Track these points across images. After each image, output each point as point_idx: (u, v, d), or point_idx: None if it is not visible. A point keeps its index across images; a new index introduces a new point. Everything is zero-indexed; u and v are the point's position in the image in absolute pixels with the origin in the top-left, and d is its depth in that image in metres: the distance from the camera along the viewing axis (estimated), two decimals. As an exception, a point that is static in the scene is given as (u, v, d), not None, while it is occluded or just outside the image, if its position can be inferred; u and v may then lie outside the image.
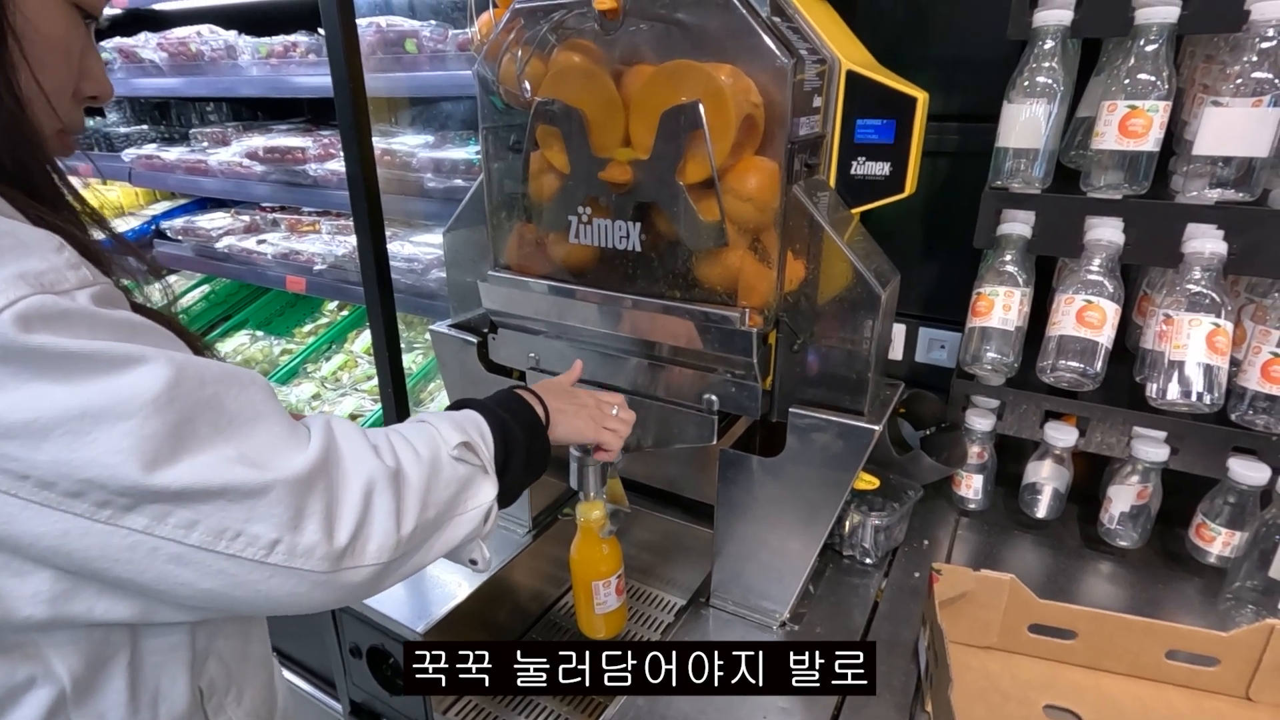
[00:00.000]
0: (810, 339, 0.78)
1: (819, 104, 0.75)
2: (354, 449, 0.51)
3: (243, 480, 0.43)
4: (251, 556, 0.44)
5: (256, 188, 1.80)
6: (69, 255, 0.42)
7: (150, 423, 0.40)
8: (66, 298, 0.40)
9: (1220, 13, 0.75)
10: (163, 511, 0.41)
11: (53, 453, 0.38)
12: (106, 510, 0.40)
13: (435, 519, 0.56)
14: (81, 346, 0.39)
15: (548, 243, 0.87)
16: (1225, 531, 0.89)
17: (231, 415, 0.45)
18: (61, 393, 0.38)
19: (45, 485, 0.39)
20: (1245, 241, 0.80)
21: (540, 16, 0.79)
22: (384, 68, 1.38)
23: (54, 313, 0.39)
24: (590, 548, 0.93)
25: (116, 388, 0.40)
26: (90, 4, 0.50)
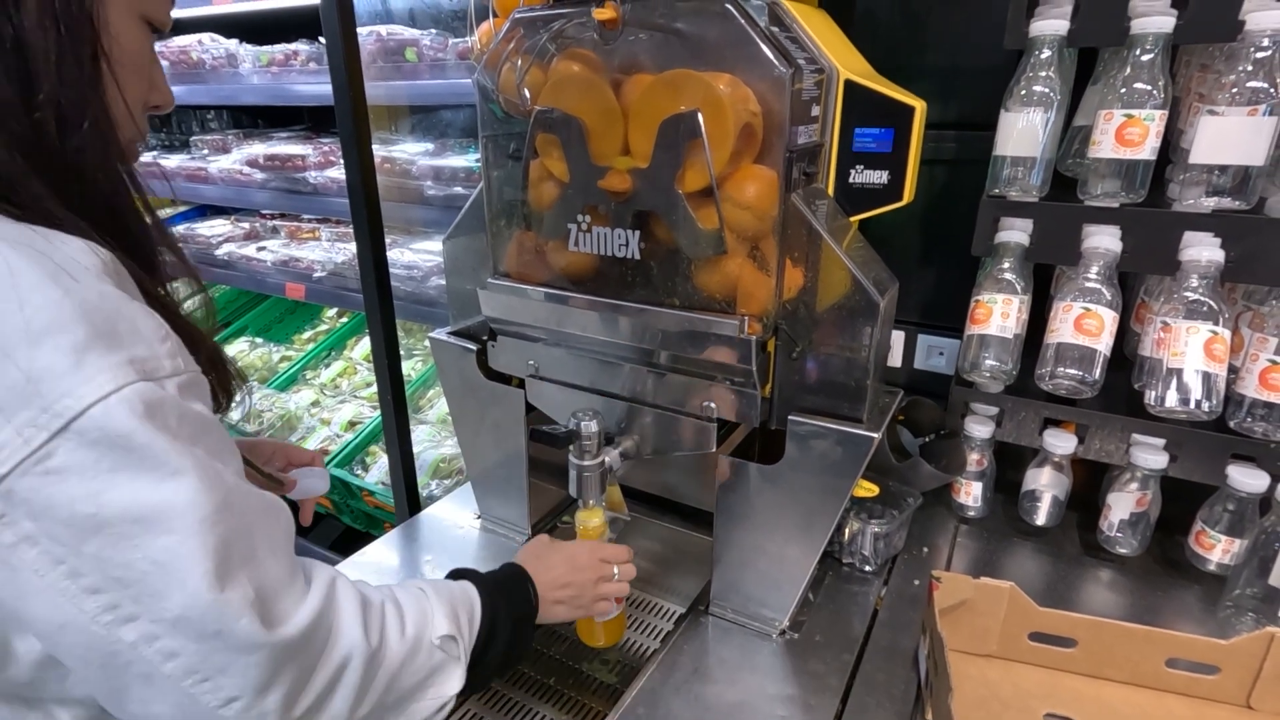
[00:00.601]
0: (809, 346, 0.78)
1: (817, 113, 0.75)
2: (346, 619, 0.51)
3: (242, 632, 0.43)
4: (209, 704, 0.44)
5: (256, 195, 1.80)
6: (171, 344, 0.45)
7: (191, 541, 0.41)
8: (160, 385, 0.42)
9: (1215, 23, 0.76)
10: (153, 635, 0.41)
11: (97, 548, 0.39)
12: (109, 615, 0.40)
13: (394, 701, 0.56)
14: (161, 446, 0.40)
15: (547, 250, 0.88)
16: (1225, 539, 0.89)
17: (255, 549, 0.45)
18: (127, 491, 0.39)
19: (74, 575, 0.39)
20: (1242, 249, 0.80)
21: (540, 26, 0.80)
22: (384, 76, 1.39)
23: (151, 401, 0.41)
24: (589, 510, 0.91)
25: (175, 500, 0.41)
26: (160, 19, 0.53)
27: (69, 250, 0.42)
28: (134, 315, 0.43)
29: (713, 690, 0.82)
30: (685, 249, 0.77)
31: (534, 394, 0.98)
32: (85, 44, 0.46)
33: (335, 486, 1.88)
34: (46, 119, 0.44)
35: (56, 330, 0.38)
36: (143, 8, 0.50)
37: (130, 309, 0.43)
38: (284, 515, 0.50)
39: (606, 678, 0.99)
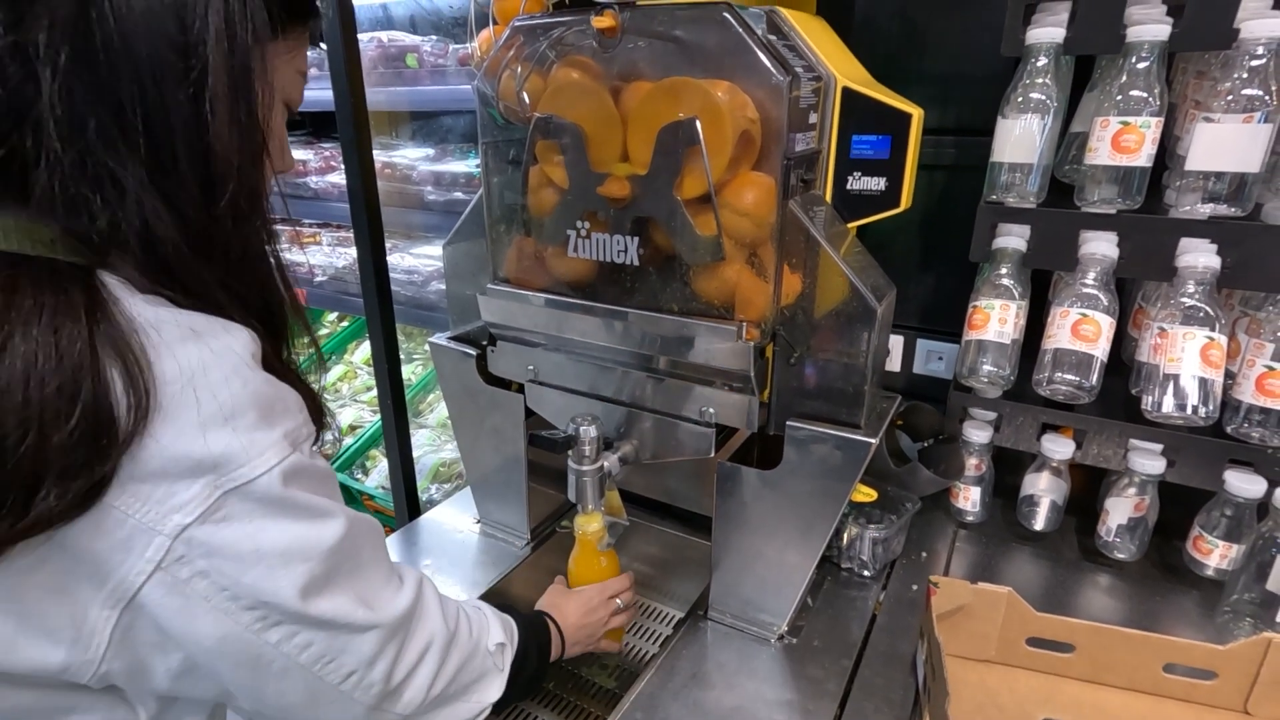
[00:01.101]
0: (807, 352, 0.79)
1: (815, 120, 0.76)
2: (431, 608, 0.63)
3: (359, 619, 0.53)
4: (333, 681, 0.53)
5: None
6: (305, 414, 0.52)
7: (320, 565, 0.50)
8: (302, 452, 0.50)
9: (1211, 31, 0.76)
10: (293, 631, 0.50)
11: (255, 576, 0.47)
12: (260, 624, 0.49)
13: (454, 693, 0.65)
14: (308, 501, 0.50)
15: (546, 256, 0.88)
16: (1223, 544, 0.90)
17: (361, 561, 0.55)
18: (278, 532, 0.48)
19: (235, 598, 0.47)
20: (1238, 256, 0.80)
21: (539, 33, 0.80)
22: (385, 82, 1.39)
23: (300, 468, 0.49)
24: (588, 561, 0.94)
25: (312, 536, 0.50)
26: (296, 101, 0.58)
27: (243, 342, 0.49)
28: (285, 394, 0.51)
29: (711, 695, 0.82)
30: (684, 255, 0.77)
31: (533, 399, 0.98)
32: (259, 144, 0.50)
33: (335, 490, 1.88)
34: (224, 216, 0.49)
35: (238, 415, 0.46)
36: (286, 93, 0.55)
37: (282, 389, 0.51)
38: (379, 532, 0.59)
39: (605, 682, 0.99)
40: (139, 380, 0.44)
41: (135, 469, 0.44)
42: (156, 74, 0.45)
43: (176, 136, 0.46)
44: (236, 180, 0.48)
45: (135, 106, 0.44)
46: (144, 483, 0.44)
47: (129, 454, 0.43)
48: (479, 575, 1.05)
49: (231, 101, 0.47)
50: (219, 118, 0.46)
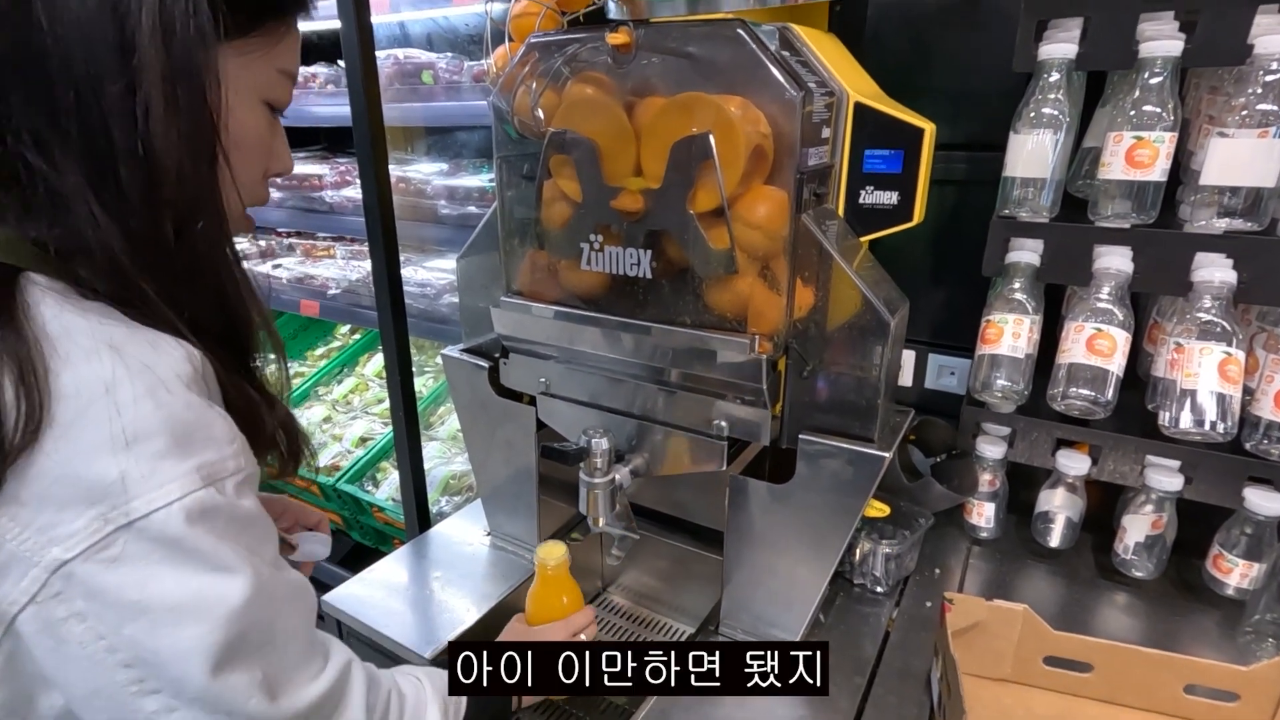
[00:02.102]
0: (820, 366, 0.79)
1: (827, 135, 0.76)
2: (354, 699, 0.56)
3: (254, 709, 0.47)
4: None
5: (273, 213, 1.83)
6: (238, 444, 0.48)
7: (219, 630, 0.45)
8: (219, 488, 0.46)
9: (1224, 46, 0.76)
10: (171, 706, 0.45)
11: (137, 630, 0.43)
12: (136, 686, 0.44)
13: None
14: (214, 550, 0.45)
15: (560, 269, 0.89)
16: (1243, 563, 0.88)
17: (275, 633, 0.49)
18: (173, 582, 0.43)
19: (112, 650, 0.43)
20: (1254, 270, 0.80)
21: (554, 50, 0.81)
22: (401, 98, 1.42)
23: (213, 508, 0.45)
24: (550, 596, 0.88)
25: (212, 592, 0.45)
26: (282, 100, 0.55)
27: (171, 361, 0.46)
28: (211, 422, 0.47)
29: (722, 711, 0.81)
30: (697, 268, 0.78)
31: (545, 411, 0.99)
32: (206, 148, 0.48)
33: (346, 502, 1.88)
34: (164, 220, 0.46)
35: (143, 439, 0.42)
36: (265, 93, 0.52)
37: (209, 416, 0.47)
38: (308, 597, 0.54)
39: (616, 698, 0.99)
40: (33, 390, 0.41)
41: (20, 489, 0.41)
42: (93, 77, 0.43)
43: (114, 142, 0.44)
44: (177, 187, 0.46)
45: (72, 110, 0.43)
46: (26, 505, 0.41)
47: (15, 470, 0.40)
48: (489, 588, 1.05)
49: (170, 105, 0.45)
50: (156, 122, 0.44)
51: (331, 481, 1.84)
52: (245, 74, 0.50)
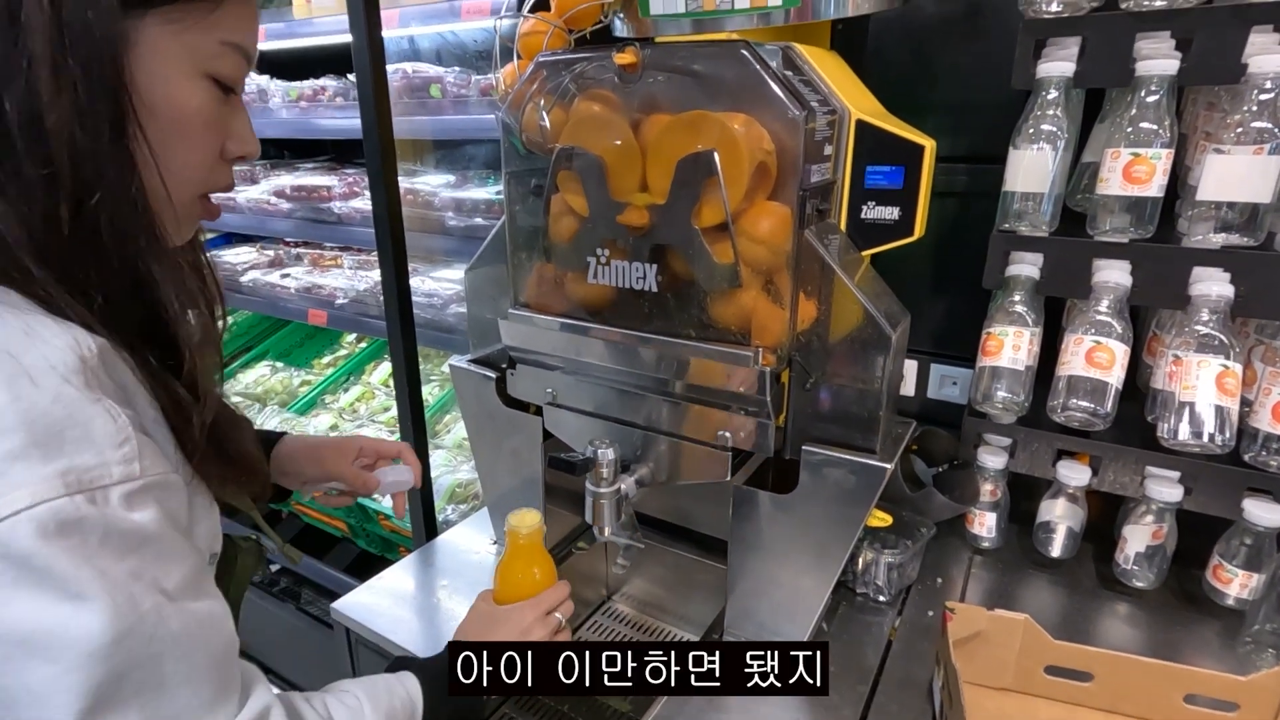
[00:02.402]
0: (822, 378, 0.80)
1: (830, 152, 0.78)
2: None
3: None
4: None
5: (281, 224, 1.86)
6: (128, 449, 0.42)
7: (76, 674, 0.39)
8: (91, 498, 0.40)
9: (1218, 66, 0.78)
10: None
11: None
12: None
13: None
14: (73, 574, 0.38)
15: (566, 282, 0.90)
16: (1243, 573, 0.89)
17: (163, 678, 0.42)
18: (24, 608, 0.38)
19: None
20: (1251, 284, 0.81)
21: (562, 68, 0.83)
22: (409, 111, 1.44)
23: (70, 520, 0.39)
24: (521, 570, 0.81)
25: (64, 627, 0.38)
26: (230, 75, 0.50)
27: (47, 349, 0.41)
28: (90, 419, 0.41)
29: (727, 719, 0.82)
30: (701, 282, 0.79)
31: (551, 421, 1.00)
32: (109, 122, 0.43)
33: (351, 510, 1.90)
34: (59, 199, 0.42)
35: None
36: (207, 66, 0.48)
37: (88, 413, 0.41)
38: (216, 634, 0.47)
39: (620, 705, 0.99)
40: None
41: None
42: None
43: (9, 119, 0.41)
44: (72, 164, 0.42)
45: None
46: None
47: None
48: (495, 596, 1.06)
49: (60, 74, 0.41)
50: (46, 92, 0.41)
51: (338, 489, 1.86)
52: (176, 45, 0.46)
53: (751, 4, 0.83)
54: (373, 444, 0.88)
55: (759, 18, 0.84)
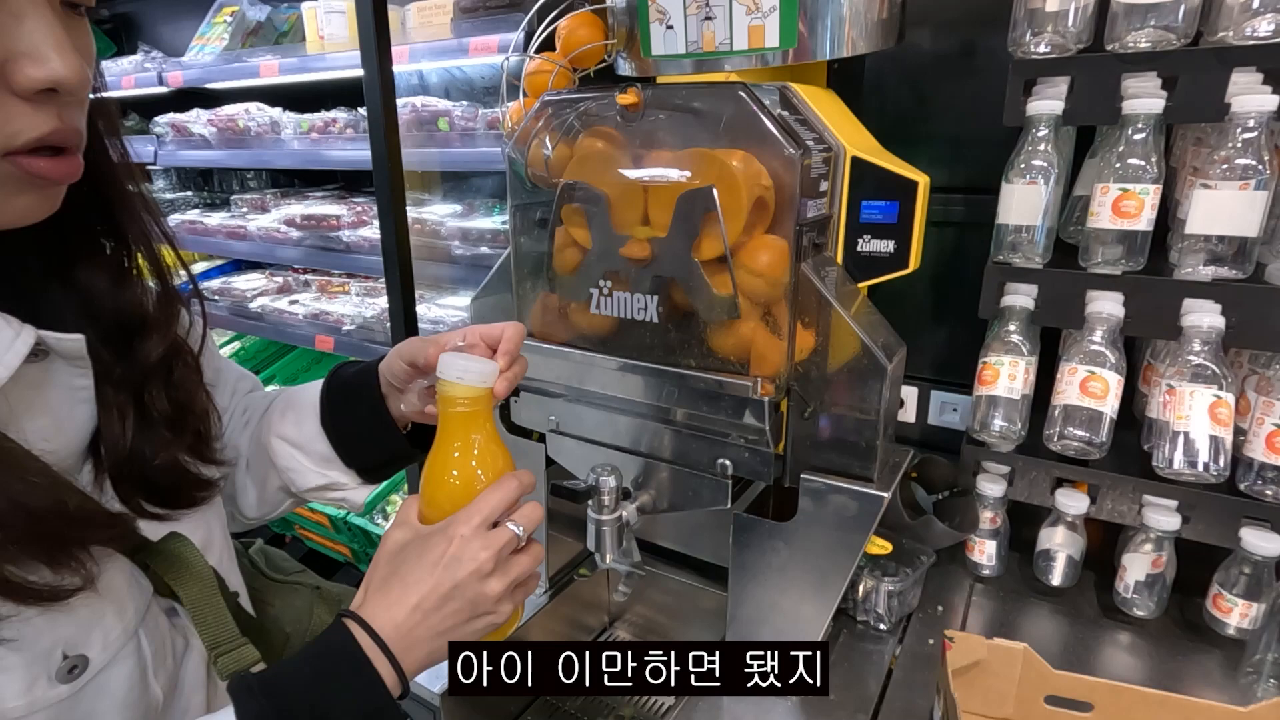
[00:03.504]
0: (820, 407, 0.81)
1: (825, 188, 0.80)
2: None
3: None
4: None
5: (291, 251, 1.89)
6: None
7: None
8: None
9: (1203, 105, 0.80)
10: None
11: None
12: None
13: None
14: None
15: (570, 312, 0.92)
16: (1243, 603, 0.89)
17: None
18: None
19: None
20: (1242, 316, 0.82)
21: (566, 107, 0.86)
22: (418, 143, 1.47)
23: None
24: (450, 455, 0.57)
25: None
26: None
27: None
28: None
29: (728, 748, 0.82)
30: (701, 313, 0.81)
31: (554, 449, 1.01)
32: None
33: (355, 535, 1.90)
34: None
35: None
36: None
37: None
38: None
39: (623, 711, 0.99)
40: None
41: None
42: None
43: None
44: None
45: None
46: None
47: None
48: (497, 622, 1.06)
49: None
50: None
51: (342, 514, 1.87)
52: None
53: (749, 45, 0.86)
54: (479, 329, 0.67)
55: (757, 58, 0.87)
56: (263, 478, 0.74)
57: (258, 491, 0.75)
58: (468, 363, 0.56)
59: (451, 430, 0.58)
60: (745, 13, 0.85)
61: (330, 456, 0.72)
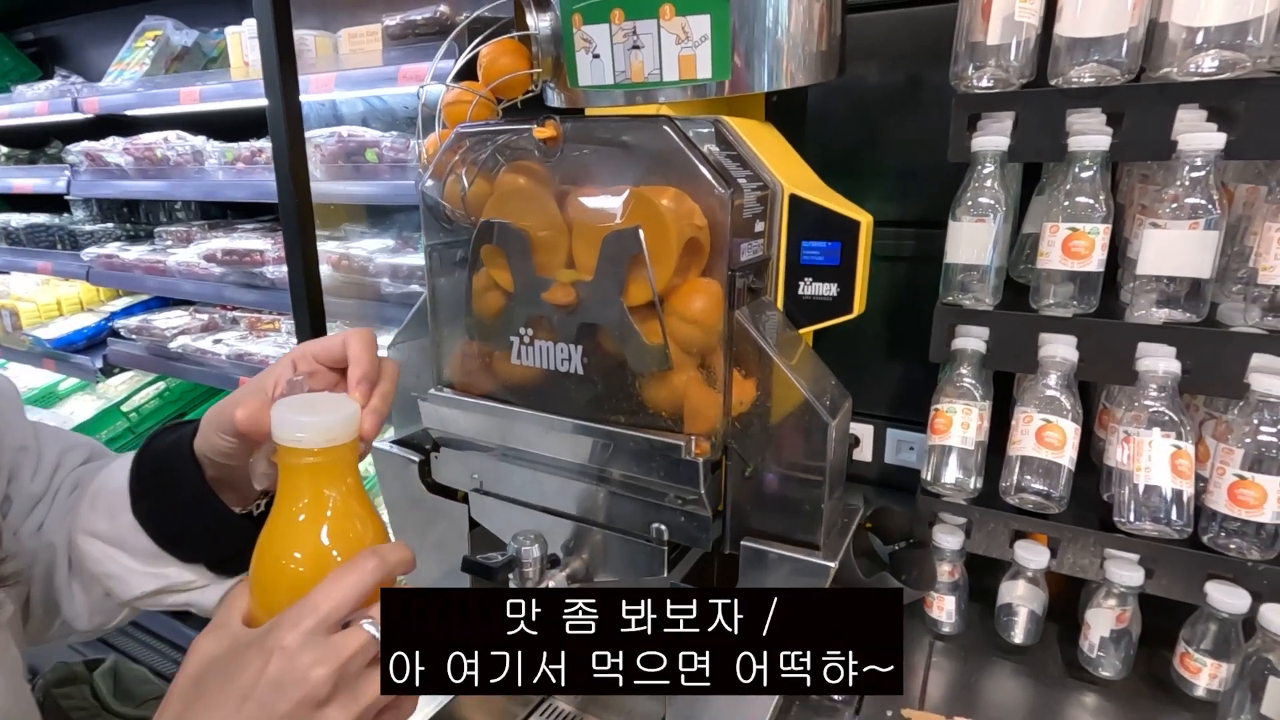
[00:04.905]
0: (761, 465, 0.74)
1: (761, 228, 0.74)
2: None
3: None
4: None
5: (214, 288, 1.78)
6: None
7: None
8: None
9: (1149, 142, 0.77)
10: None
11: None
12: None
13: None
14: None
15: (492, 361, 0.84)
16: (1211, 662, 0.84)
17: None
18: None
19: None
20: (1197, 360, 0.79)
21: (485, 139, 0.79)
22: (345, 175, 1.39)
23: None
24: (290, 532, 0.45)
25: None
26: None
27: None
28: None
29: None
30: (631, 364, 0.74)
31: (478, 509, 0.92)
32: None
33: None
34: None
35: None
36: None
37: None
38: None
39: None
40: None
41: None
42: None
43: None
44: None
45: None
46: None
47: None
48: (425, 704, 0.96)
49: None
50: None
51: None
52: None
53: (680, 76, 0.80)
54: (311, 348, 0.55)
55: (692, 90, 0.82)
56: (88, 581, 0.60)
57: (86, 598, 0.60)
58: (311, 416, 0.44)
59: (292, 493, 0.44)
60: (675, 42, 0.80)
61: (157, 553, 0.56)
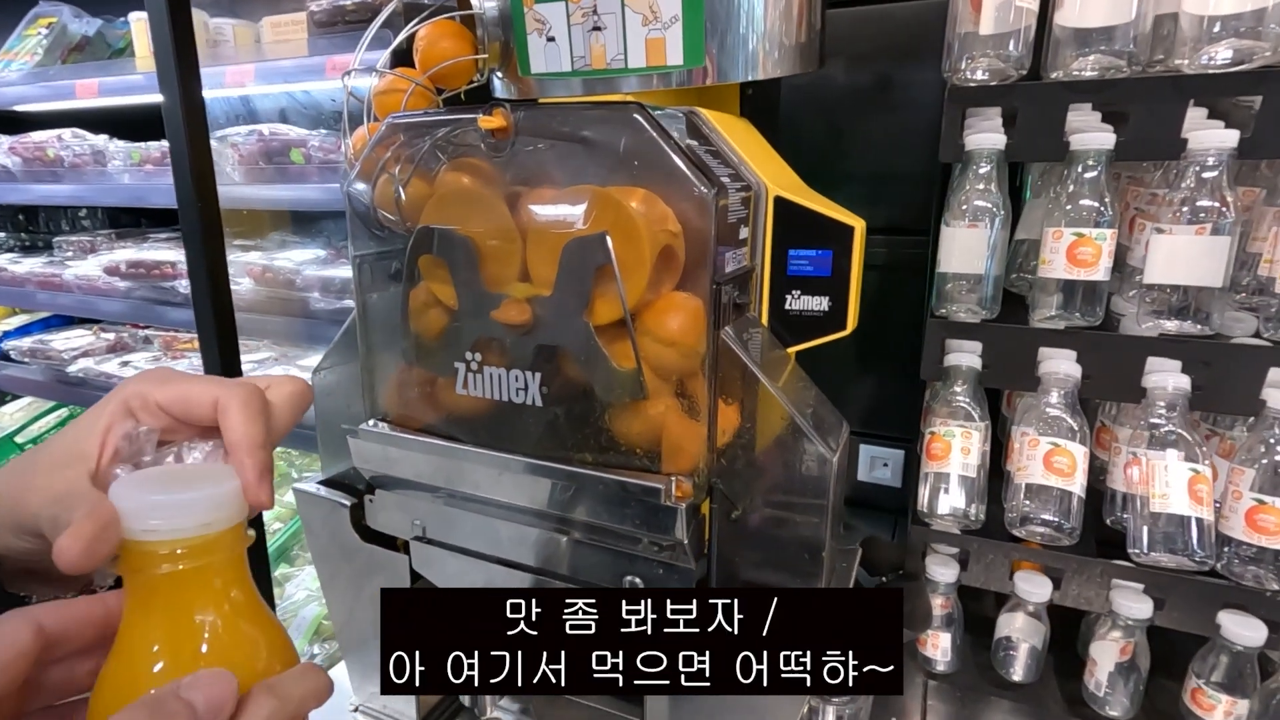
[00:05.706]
0: (750, 507, 0.65)
1: (745, 235, 0.65)
2: None
3: None
4: None
5: (125, 305, 1.59)
6: None
7: None
8: None
9: (1157, 140, 0.71)
10: None
11: None
12: None
13: None
14: None
15: (433, 391, 0.72)
16: (1226, 699, 0.78)
17: None
18: None
19: None
20: (1208, 376, 0.73)
21: (421, 131, 0.67)
22: (266, 178, 1.24)
23: None
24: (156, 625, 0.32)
25: None
26: None
27: None
28: None
29: None
30: (598, 393, 0.63)
31: (420, 560, 0.80)
32: None
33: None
34: None
35: None
36: None
37: None
38: None
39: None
40: None
41: None
42: None
43: None
44: None
45: None
46: None
47: None
48: (353, 787, 0.83)
49: None
50: None
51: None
52: None
53: (648, 62, 0.71)
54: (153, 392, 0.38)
55: (659, 78, 0.72)
56: None
57: None
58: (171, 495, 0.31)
59: (150, 610, 0.31)
60: (641, 23, 0.70)
61: None
